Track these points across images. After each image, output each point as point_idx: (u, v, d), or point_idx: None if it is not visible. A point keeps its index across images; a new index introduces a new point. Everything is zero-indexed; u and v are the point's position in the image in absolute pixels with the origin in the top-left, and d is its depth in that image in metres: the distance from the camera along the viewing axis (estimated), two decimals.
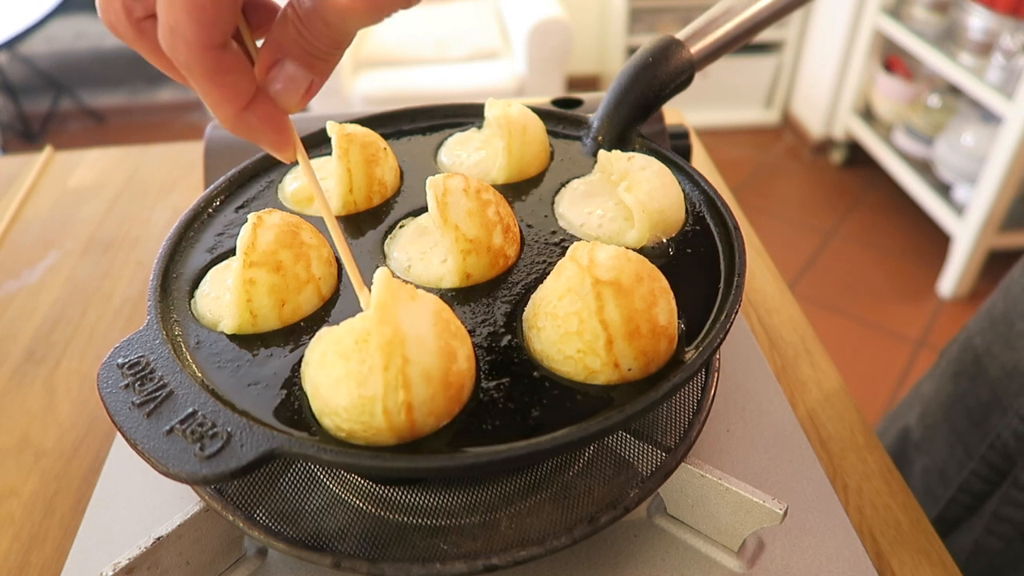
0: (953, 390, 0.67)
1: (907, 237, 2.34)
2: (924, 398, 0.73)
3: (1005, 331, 0.62)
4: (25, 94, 3.12)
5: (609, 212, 0.48)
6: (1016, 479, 0.58)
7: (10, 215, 0.79)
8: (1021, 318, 0.60)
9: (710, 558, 0.42)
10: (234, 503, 0.38)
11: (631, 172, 0.47)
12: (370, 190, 0.49)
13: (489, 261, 0.43)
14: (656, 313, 0.36)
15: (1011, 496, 0.58)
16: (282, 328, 0.40)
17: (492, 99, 0.53)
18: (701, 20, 0.54)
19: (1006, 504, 0.59)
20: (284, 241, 0.40)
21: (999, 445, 0.59)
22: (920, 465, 0.70)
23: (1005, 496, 0.59)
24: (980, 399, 0.63)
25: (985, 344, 0.64)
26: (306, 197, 0.49)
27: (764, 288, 0.67)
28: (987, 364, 0.63)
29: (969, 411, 0.64)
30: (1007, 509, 0.59)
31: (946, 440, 0.67)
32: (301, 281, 0.40)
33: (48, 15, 2.62)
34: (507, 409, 0.35)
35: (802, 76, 2.84)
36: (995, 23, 1.94)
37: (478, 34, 2.53)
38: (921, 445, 0.71)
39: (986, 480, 0.61)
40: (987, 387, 0.62)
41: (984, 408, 0.62)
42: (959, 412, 0.66)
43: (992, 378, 0.62)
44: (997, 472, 0.60)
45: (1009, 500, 0.58)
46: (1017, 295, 0.62)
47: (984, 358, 0.63)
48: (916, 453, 0.71)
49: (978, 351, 0.65)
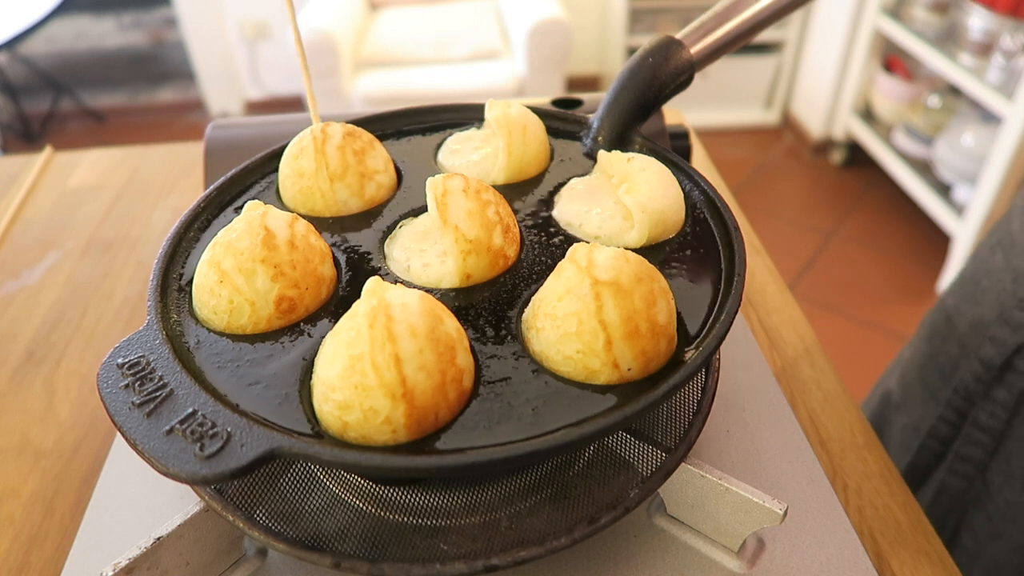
0: (927, 350, 0.70)
1: (907, 237, 2.34)
2: (903, 362, 0.76)
3: (972, 289, 0.65)
4: (25, 94, 3.13)
5: (608, 212, 0.48)
6: (975, 419, 0.60)
7: (10, 215, 0.79)
8: (986, 275, 0.63)
9: (710, 558, 0.42)
10: (234, 503, 0.38)
11: (631, 174, 0.47)
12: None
13: (489, 261, 0.43)
14: (655, 313, 0.36)
15: (971, 435, 0.60)
16: (282, 328, 0.40)
17: (492, 100, 0.53)
18: (701, 20, 0.54)
19: (966, 444, 0.61)
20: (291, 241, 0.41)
21: (961, 388, 0.61)
22: (898, 424, 0.73)
23: (966, 436, 0.61)
24: (950, 355, 0.66)
25: (955, 304, 0.67)
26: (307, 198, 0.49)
27: (764, 288, 0.67)
28: (957, 322, 0.66)
29: (940, 368, 0.67)
30: (967, 448, 0.61)
31: (919, 396, 0.70)
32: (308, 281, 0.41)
33: (48, 15, 2.62)
34: (507, 409, 0.35)
35: (802, 76, 2.84)
36: (995, 23, 1.94)
37: (478, 34, 2.54)
38: (899, 406, 0.73)
39: (951, 424, 0.63)
40: (956, 343, 0.65)
41: (953, 363, 0.65)
42: (931, 370, 0.68)
43: (960, 334, 0.64)
44: (960, 415, 0.62)
45: (969, 440, 0.60)
46: (983, 255, 0.65)
47: (954, 317, 0.66)
48: (895, 413, 0.74)
49: (949, 311, 0.68)
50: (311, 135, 0.49)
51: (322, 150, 0.48)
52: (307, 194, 0.49)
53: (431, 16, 2.65)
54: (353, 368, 0.33)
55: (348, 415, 0.33)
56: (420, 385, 0.33)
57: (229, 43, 3.01)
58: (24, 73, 3.15)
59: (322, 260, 0.42)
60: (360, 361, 0.33)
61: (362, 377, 0.33)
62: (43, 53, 3.31)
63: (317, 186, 0.48)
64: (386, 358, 0.33)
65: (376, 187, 0.50)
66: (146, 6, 3.45)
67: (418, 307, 0.35)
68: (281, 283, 0.40)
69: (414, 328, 0.34)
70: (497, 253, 0.43)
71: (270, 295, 0.39)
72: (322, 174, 0.48)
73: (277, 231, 0.40)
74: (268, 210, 0.42)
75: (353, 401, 0.33)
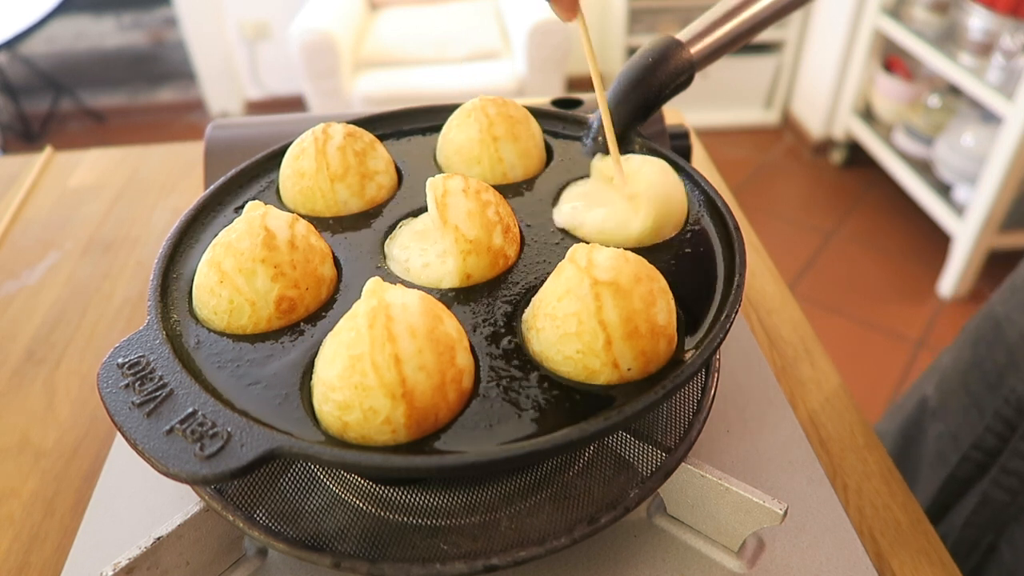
0: (971, 356, 0.68)
1: (907, 237, 2.34)
2: (942, 367, 0.73)
3: (1023, 298, 0.62)
4: (25, 94, 3.12)
5: (609, 212, 0.48)
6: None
7: (10, 215, 0.79)
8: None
9: (710, 558, 0.42)
10: (234, 503, 0.38)
11: (630, 170, 0.48)
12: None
13: (489, 261, 0.43)
14: (655, 313, 0.36)
15: (1019, 449, 0.59)
16: (282, 328, 0.40)
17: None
18: (701, 20, 0.54)
19: (1013, 457, 0.59)
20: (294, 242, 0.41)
21: (1013, 400, 0.59)
22: (934, 431, 0.71)
23: (1014, 449, 0.59)
24: (997, 363, 0.64)
25: (1005, 311, 0.65)
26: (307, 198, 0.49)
27: (764, 288, 0.67)
28: (1006, 329, 0.64)
29: (985, 375, 0.65)
30: (1014, 462, 0.59)
31: (961, 404, 0.68)
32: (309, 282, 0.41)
33: (48, 15, 2.62)
34: (507, 409, 0.35)
35: (802, 76, 2.84)
36: (995, 23, 1.94)
37: (478, 34, 2.54)
38: (937, 412, 0.71)
39: (999, 436, 0.61)
40: (1004, 351, 0.63)
41: (1000, 371, 0.63)
42: (975, 377, 0.66)
43: (1010, 342, 0.62)
44: (1009, 427, 0.60)
45: (1017, 453, 0.59)
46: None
47: (1004, 324, 0.64)
48: (931, 420, 0.72)
49: (998, 318, 0.65)
50: (312, 136, 0.49)
51: (323, 151, 0.48)
52: (308, 194, 0.49)
53: (431, 16, 2.65)
54: (353, 368, 0.33)
55: (348, 415, 0.33)
56: (420, 385, 0.33)
57: (229, 43, 3.01)
58: (24, 73, 3.15)
59: (322, 260, 0.42)
60: (360, 361, 0.33)
61: (362, 377, 0.33)
62: (43, 53, 3.31)
63: (318, 186, 0.48)
64: (386, 358, 0.33)
65: (377, 187, 0.50)
66: (146, 6, 3.44)
67: (418, 307, 0.35)
68: (281, 283, 0.40)
69: (414, 328, 0.34)
70: (497, 253, 0.43)
71: (270, 295, 0.39)
72: (323, 174, 0.48)
73: (277, 231, 0.40)
74: (268, 210, 0.42)
75: (353, 401, 0.33)
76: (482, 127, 0.51)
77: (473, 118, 0.52)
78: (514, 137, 0.52)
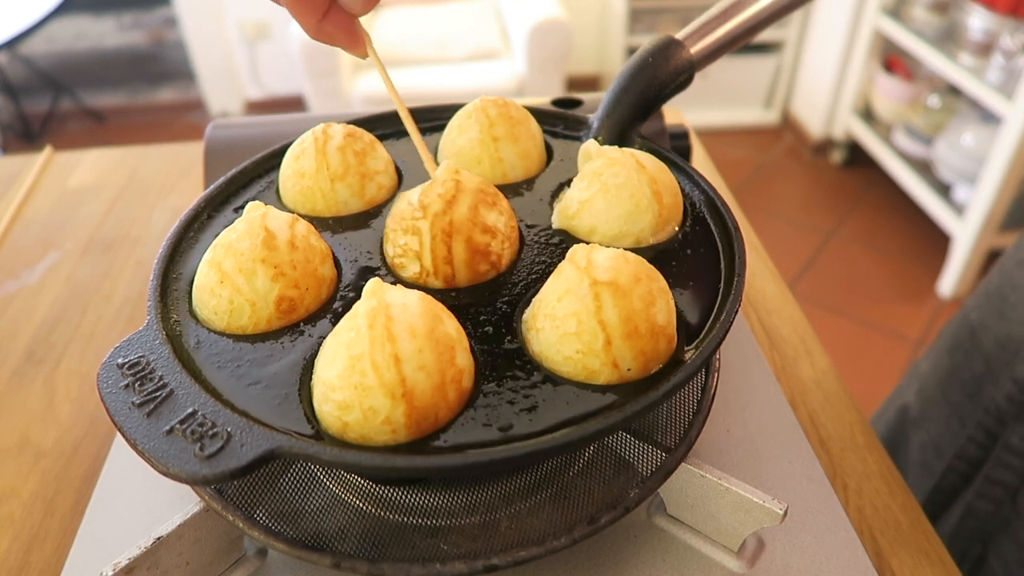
0: (949, 364, 0.68)
1: (907, 237, 2.34)
2: (921, 375, 0.73)
3: (999, 304, 0.63)
4: (25, 94, 3.12)
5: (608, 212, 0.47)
6: (1007, 442, 0.58)
7: (10, 215, 0.79)
8: (1014, 290, 0.61)
9: (710, 558, 0.42)
10: (234, 503, 0.38)
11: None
12: None
13: (468, 277, 0.43)
14: (654, 313, 0.36)
15: (1002, 459, 0.59)
16: (282, 328, 0.40)
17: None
18: (701, 20, 0.54)
19: (996, 467, 0.59)
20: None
21: (993, 409, 0.59)
22: (917, 440, 0.71)
23: (996, 459, 0.59)
24: (974, 372, 0.64)
25: (980, 318, 0.65)
26: (307, 198, 0.49)
27: (764, 288, 0.67)
28: (981, 337, 0.64)
29: (964, 384, 0.65)
30: (998, 472, 0.59)
31: (941, 413, 0.68)
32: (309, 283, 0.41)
33: (48, 15, 2.62)
34: (507, 409, 0.35)
35: (802, 76, 2.84)
36: (995, 23, 1.94)
37: (478, 34, 2.54)
38: (918, 421, 0.71)
39: (981, 446, 0.61)
40: (981, 359, 0.63)
41: (978, 380, 0.63)
42: (954, 385, 0.66)
43: (986, 350, 0.63)
44: (991, 437, 0.60)
45: (1000, 463, 0.59)
46: (1010, 269, 0.63)
47: (979, 331, 0.64)
48: (913, 429, 0.72)
49: (973, 325, 0.65)
50: (312, 136, 0.49)
51: (323, 151, 0.48)
52: (308, 194, 0.49)
53: (431, 16, 2.65)
54: (353, 368, 0.33)
55: (348, 415, 0.33)
56: (420, 385, 0.33)
57: (229, 43, 3.01)
58: (24, 73, 3.15)
59: (322, 260, 0.42)
60: (360, 361, 0.33)
61: (362, 377, 0.33)
62: (43, 53, 3.31)
63: (318, 186, 0.48)
64: (386, 358, 0.33)
65: (377, 188, 0.50)
66: (146, 6, 3.44)
67: (418, 307, 0.35)
68: (281, 283, 0.40)
69: (414, 328, 0.34)
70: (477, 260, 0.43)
71: (270, 295, 0.39)
72: (323, 174, 0.48)
73: (277, 232, 0.40)
74: (268, 211, 0.42)
75: (353, 401, 0.33)
76: (483, 128, 0.51)
77: (474, 119, 0.52)
78: (514, 138, 0.52)
